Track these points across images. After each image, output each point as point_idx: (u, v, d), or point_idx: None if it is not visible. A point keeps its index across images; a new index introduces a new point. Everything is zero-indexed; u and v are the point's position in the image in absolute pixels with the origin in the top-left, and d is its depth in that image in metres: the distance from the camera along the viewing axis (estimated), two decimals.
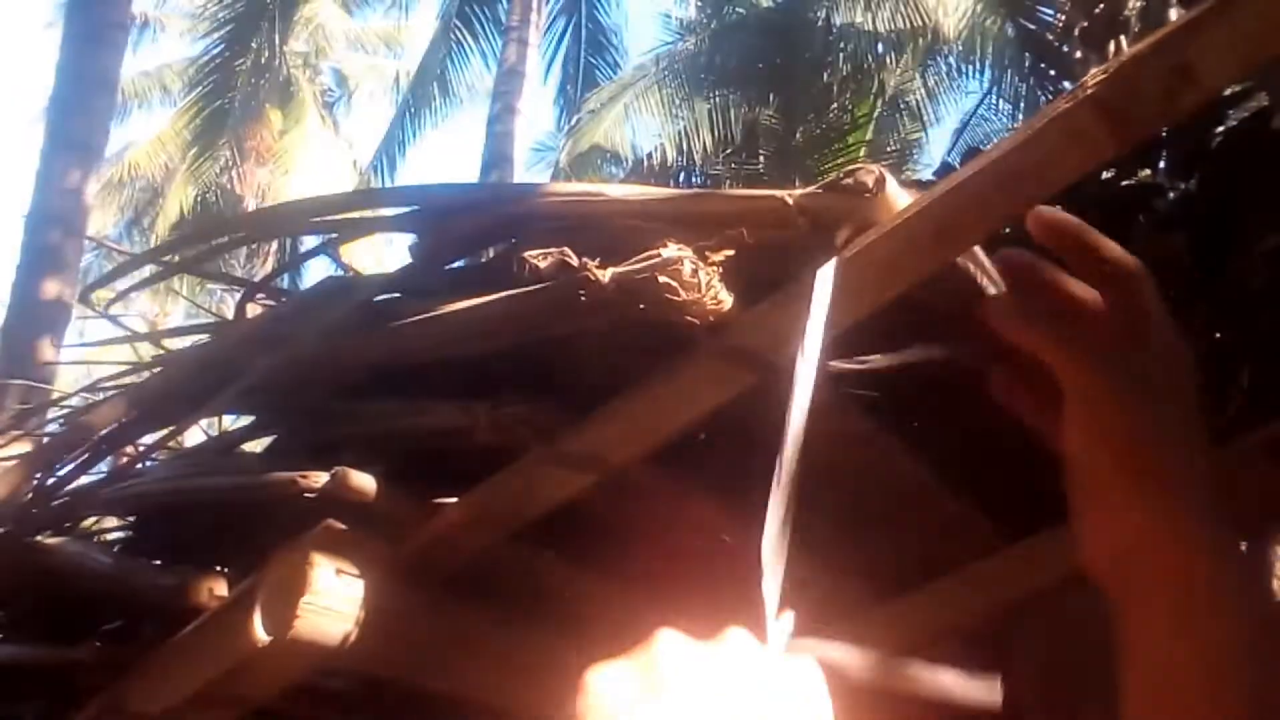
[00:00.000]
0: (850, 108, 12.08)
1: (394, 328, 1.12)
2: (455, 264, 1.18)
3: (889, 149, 12.73)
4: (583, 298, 0.94)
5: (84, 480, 1.35)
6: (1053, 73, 10.45)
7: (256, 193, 18.82)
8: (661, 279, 0.89)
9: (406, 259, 1.18)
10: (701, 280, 0.89)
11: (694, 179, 12.12)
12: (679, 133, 11.79)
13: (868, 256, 0.85)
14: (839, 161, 11.79)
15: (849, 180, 0.86)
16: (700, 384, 0.98)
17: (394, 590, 1.09)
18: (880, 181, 0.84)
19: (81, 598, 1.38)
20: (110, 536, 1.52)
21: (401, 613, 1.11)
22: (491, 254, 1.16)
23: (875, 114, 12.49)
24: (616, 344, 1.02)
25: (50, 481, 1.27)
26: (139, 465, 1.33)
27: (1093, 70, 0.77)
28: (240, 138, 15.78)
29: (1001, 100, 11.95)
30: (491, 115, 12.65)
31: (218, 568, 1.30)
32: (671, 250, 0.89)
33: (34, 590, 1.38)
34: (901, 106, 12.91)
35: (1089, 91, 0.77)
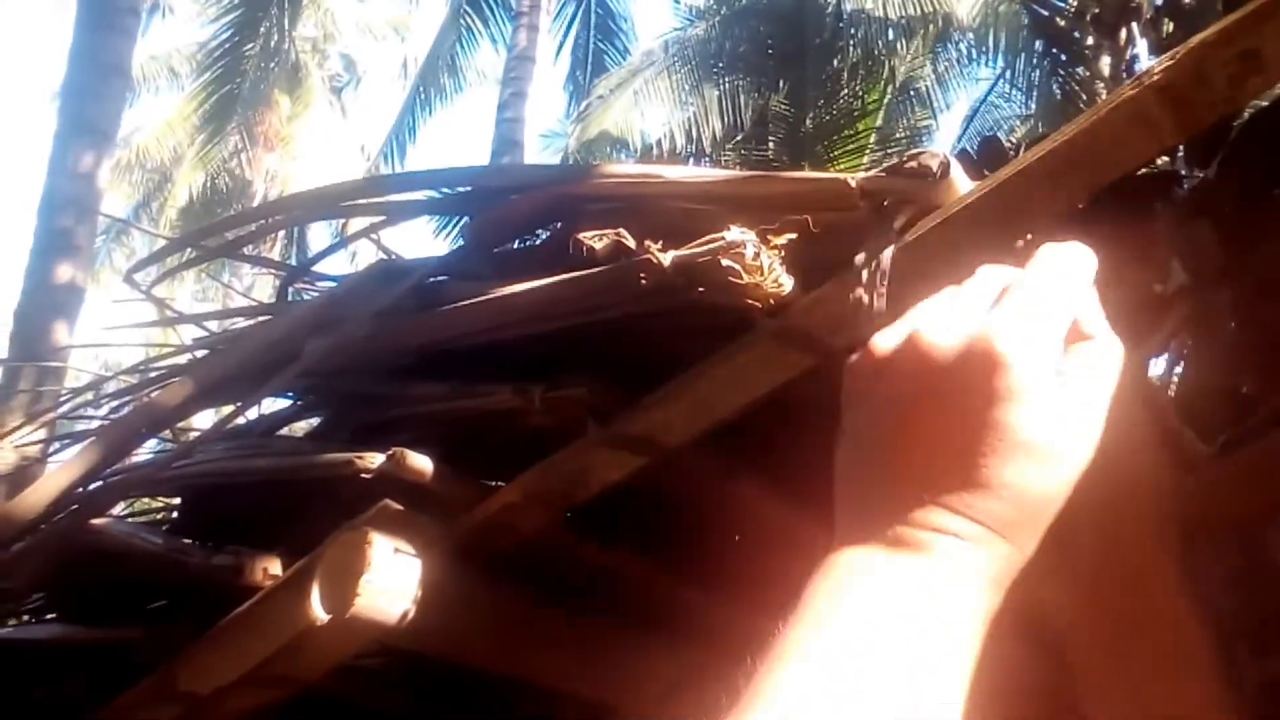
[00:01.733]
0: (860, 94, 12.05)
1: (448, 310, 1.13)
2: (507, 246, 1.19)
3: (898, 136, 12.70)
4: (643, 280, 0.95)
5: (134, 460, 1.37)
6: (1064, 58, 10.41)
7: (265, 177, 18.81)
8: (725, 262, 0.90)
9: (458, 241, 1.19)
10: (764, 263, 0.90)
11: (704, 163, 12.10)
12: (689, 119, 11.77)
13: (932, 239, 0.86)
14: (849, 148, 11.78)
15: (913, 164, 0.87)
16: (757, 366, 0.99)
17: (450, 570, 1.11)
18: (945, 165, 0.85)
19: (132, 577, 1.40)
20: (158, 517, 1.53)
21: (457, 592, 1.12)
22: (545, 236, 1.17)
23: (885, 101, 12.46)
24: (672, 326, 1.03)
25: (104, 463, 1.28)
26: (193, 445, 1.35)
27: (1160, 58, 0.78)
28: (249, 122, 15.78)
29: (1012, 87, 11.93)
30: (501, 101, 12.60)
31: (268, 547, 1.31)
32: (735, 233, 0.90)
33: (85, 570, 1.40)
34: (911, 93, 12.88)
35: (1154, 78, 0.78)
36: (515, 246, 1.20)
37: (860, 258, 0.88)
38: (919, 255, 0.88)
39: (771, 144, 11.97)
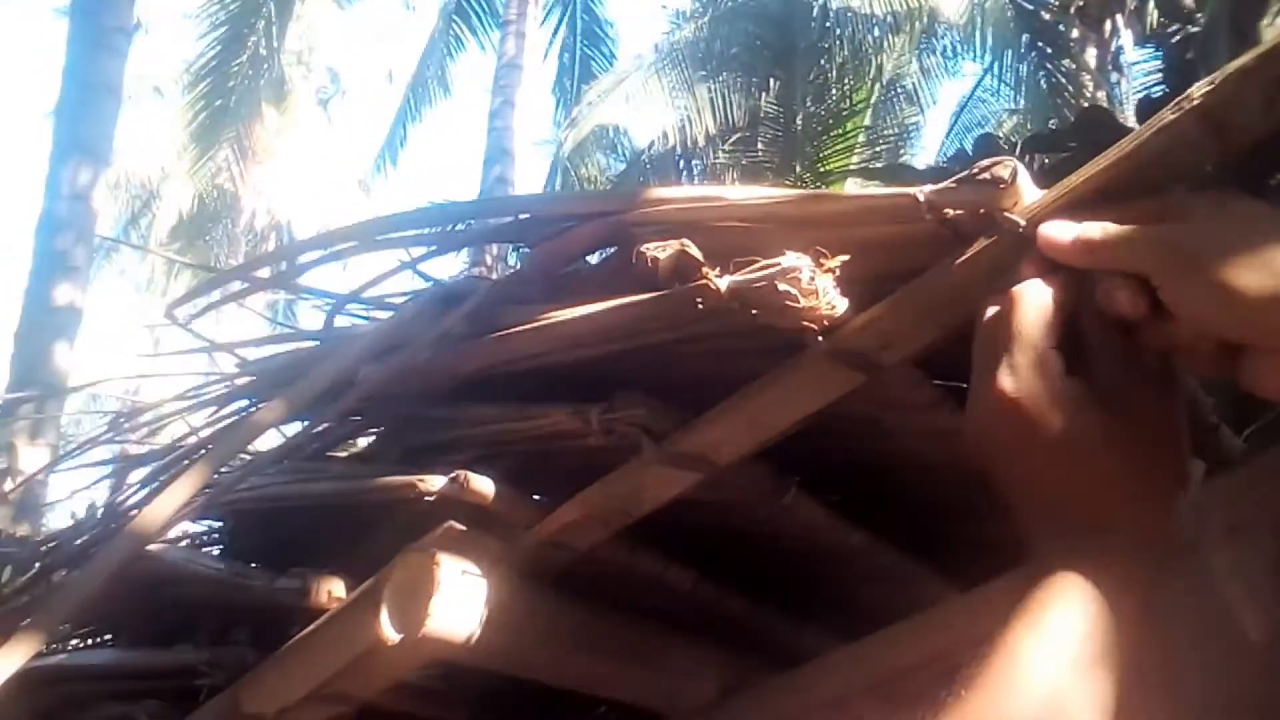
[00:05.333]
0: (849, 93, 12.10)
1: (503, 335, 1.17)
2: (563, 270, 1.22)
3: (888, 133, 12.77)
4: (699, 305, 0.99)
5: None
6: (1050, 51, 10.48)
7: (254, 191, 18.81)
8: (781, 287, 0.93)
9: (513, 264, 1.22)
10: (819, 287, 0.94)
11: (694, 165, 12.16)
12: (681, 120, 11.82)
13: (985, 258, 0.90)
14: (839, 147, 11.84)
15: (985, 175, 0.90)
16: (809, 385, 1.02)
17: (514, 588, 1.14)
18: (1014, 173, 0.89)
19: (190, 602, 1.43)
20: (208, 540, 1.56)
21: (522, 610, 1.15)
22: (600, 259, 1.20)
23: (873, 99, 12.51)
24: (726, 347, 1.07)
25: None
26: (251, 469, 1.38)
27: (1199, 83, 0.82)
28: (238, 137, 15.77)
29: (999, 81, 12.00)
30: (492, 109, 12.63)
31: (325, 570, 1.34)
32: (791, 259, 0.94)
33: (144, 596, 1.43)
34: (899, 90, 12.94)
35: (1195, 102, 0.82)
36: (569, 270, 1.23)
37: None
38: (981, 271, 0.91)
39: (761, 144, 11.99)
